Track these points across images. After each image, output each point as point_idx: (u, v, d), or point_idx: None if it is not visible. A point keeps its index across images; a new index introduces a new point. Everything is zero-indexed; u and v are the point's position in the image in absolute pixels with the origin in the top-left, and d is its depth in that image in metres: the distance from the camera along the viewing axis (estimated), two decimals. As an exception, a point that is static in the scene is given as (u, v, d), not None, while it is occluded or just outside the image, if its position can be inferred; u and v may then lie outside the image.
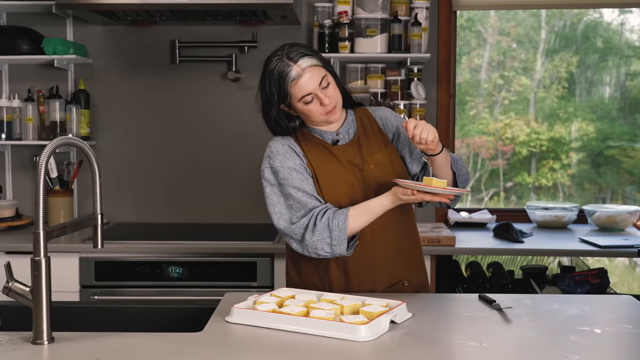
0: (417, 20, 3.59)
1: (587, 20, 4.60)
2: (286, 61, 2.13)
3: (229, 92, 3.87)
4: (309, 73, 2.13)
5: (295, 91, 2.14)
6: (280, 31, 3.80)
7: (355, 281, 2.24)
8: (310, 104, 2.16)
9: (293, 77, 2.12)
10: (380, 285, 2.25)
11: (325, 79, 2.15)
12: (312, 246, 2.12)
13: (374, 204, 2.12)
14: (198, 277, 3.23)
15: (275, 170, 2.19)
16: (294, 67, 2.12)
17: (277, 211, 2.17)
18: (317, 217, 2.11)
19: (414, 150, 2.33)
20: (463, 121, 4.63)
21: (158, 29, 3.85)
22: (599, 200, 4.57)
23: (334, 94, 2.18)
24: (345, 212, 2.11)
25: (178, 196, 3.91)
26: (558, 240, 3.44)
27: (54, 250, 3.20)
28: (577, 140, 4.63)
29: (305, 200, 2.15)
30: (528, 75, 4.74)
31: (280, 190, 2.18)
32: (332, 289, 2.24)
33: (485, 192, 4.94)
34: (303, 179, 2.18)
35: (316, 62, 2.16)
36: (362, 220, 2.12)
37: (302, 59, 2.13)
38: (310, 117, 2.20)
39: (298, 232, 2.13)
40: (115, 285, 3.24)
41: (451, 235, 3.26)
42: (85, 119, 3.74)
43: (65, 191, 3.71)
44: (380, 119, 2.36)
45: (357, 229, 2.13)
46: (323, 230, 2.10)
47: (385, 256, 2.25)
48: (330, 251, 2.12)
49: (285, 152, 2.21)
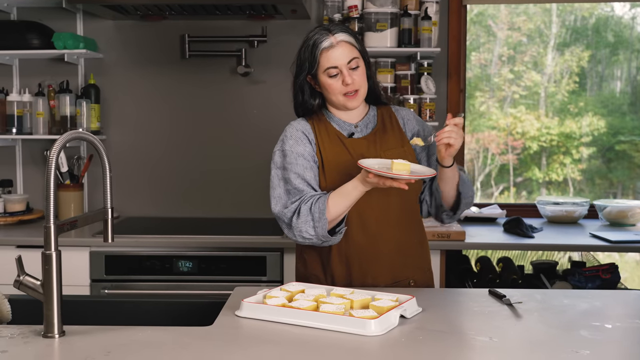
0: (427, 14, 3.58)
1: (598, 14, 4.57)
2: (324, 32, 2.19)
3: (238, 86, 3.87)
4: (342, 48, 2.18)
5: (323, 60, 2.17)
6: (290, 25, 3.79)
7: (357, 275, 2.25)
8: (332, 79, 2.19)
9: (325, 46, 2.17)
10: (382, 281, 2.25)
11: (355, 61, 2.19)
12: (297, 229, 2.14)
13: (349, 187, 2.11)
14: (208, 271, 3.23)
15: (284, 153, 2.22)
16: (329, 37, 2.18)
17: (275, 194, 2.21)
18: (303, 202, 2.14)
19: (431, 157, 2.32)
20: (473, 116, 4.62)
21: (168, 23, 3.85)
22: (609, 195, 4.55)
23: (359, 79, 2.20)
24: (327, 195, 2.13)
25: (188, 190, 3.92)
26: (568, 235, 3.43)
27: (64, 244, 3.20)
28: (588, 135, 4.61)
29: (302, 188, 2.17)
30: (538, 70, 4.72)
31: (282, 174, 2.21)
32: (335, 281, 2.25)
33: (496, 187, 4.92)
34: (307, 166, 2.20)
35: (353, 41, 2.21)
36: (342, 203, 2.12)
37: (339, 33, 2.19)
38: (330, 94, 2.22)
39: (288, 216, 2.16)
40: (126, 279, 3.25)
41: (461, 230, 3.25)
42: (95, 114, 3.75)
43: (75, 185, 3.72)
44: (402, 118, 2.36)
45: (338, 212, 2.12)
46: (307, 214, 2.12)
47: (389, 253, 2.25)
48: (315, 234, 2.13)
49: (298, 138, 2.23)
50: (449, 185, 2.22)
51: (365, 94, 2.25)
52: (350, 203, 2.13)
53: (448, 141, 2.07)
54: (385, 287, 2.21)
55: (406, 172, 1.99)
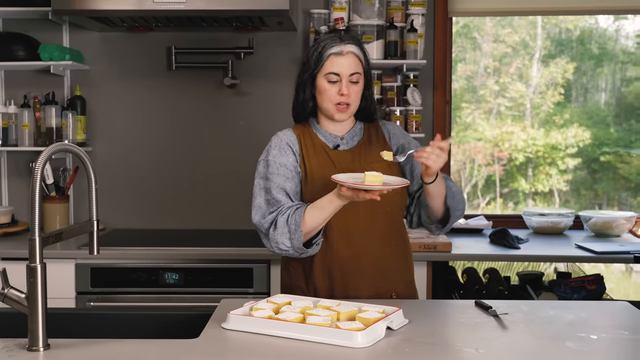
0: (413, 26, 3.60)
1: (582, 26, 4.61)
2: (337, 39, 2.23)
3: (225, 98, 3.87)
4: (349, 58, 2.21)
5: (328, 64, 2.21)
6: (277, 37, 3.80)
7: (340, 287, 2.25)
8: (330, 84, 2.22)
9: (334, 52, 2.21)
10: (364, 294, 2.25)
11: (357, 76, 2.22)
12: (274, 240, 2.16)
13: (325, 201, 2.12)
14: (194, 283, 3.22)
15: (268, 163, 2.25)
16: (340, 45, 2.22)
17: (256, 204, 2.24)
18: (280, 213, 2.16)
19: (414, 170, 2.33)
20: (459, 127, 4.64)
21: (154, 35, 3.85)
22: (595, 206, 4.58)
23: (354, 95, 2.23)
24: (304, 207, 2.14)
25: (174, 202, 3.91)
26: (554, 246, 3.44)
27: (49, 257, 3.19)
28: (573, 146, 4.64)
29: (280, 199, 2.19)
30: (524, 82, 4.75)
31: (264, 184, 2.23)
32: (317, 293, 2.26)
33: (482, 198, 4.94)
34: (289, 176, 2.22)
35: (361, 56, 2.24)
36: (318, 216, 2.13)
37: (351, 45, 2.23)
38: (323, 100, 2.24)
39: (266, 227, 2.18)
40: (111, 292, 3.23)
41: (447, 242, 3.26)
42: (81, 125, 3.74)
43: (61, 197, 3.70)
44: (388, 132, 2.39)
45: (314, 224, 2.13)
46: (283, 226, 2.14)
47: (371, 266, 2.26)
48: (291, 245, 2.14)
49: (282, 148, 2.26)
50: (436, 200, 2.23)
51: (354, 111, 2.27)
52: (327, 217, 2.14)
53: (426, 162, 2.07)
54: (367, 299, 2.21)
55: (378, 183, 2.00)
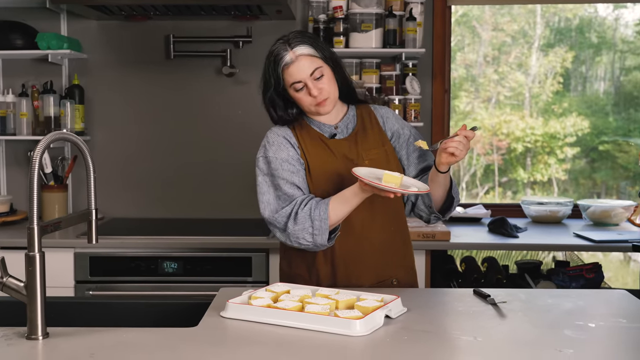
0: (412, 15, 3.59)
1: (581, 15, 4.60)
2: (285, 45, 2.17)
3: (223, 87, 3.87)
4: (302, 61, 2.15)
5: (287, 77, 2.17)
6: (275, 26, 3.79)
7: (342, 275, 2.25)
8: (299, 92, 2.19)
9: (286, 62, 2.15)
10: (367, 281, 2.25)
11: (319, 70, 2.17)
12: (294, 235, 2.13)
13: (348, 193, 2.11)
14: (193, 272, 3.22)
15: (268, 160, 2.22)
16: (288, 53, 2.15)
17: (265, 200, 2.20)
18: (299, 206, 2.13)
19: (410, 155, 2.33)
20: (458, 116, 4.63)
21: (152, 23, 3.84)
22: (593, 195, 4.59)
23: (326, 87, 2.19)
24: (327, 202, 2.12)
25: (173, 191, 3.91)
26: (552, 235, 3.45)
27: (48, 246, 3.17)
28: (572, 135, 4.64)
29: (292, 193, 2.17)
30: (523, 71, 4.75)
31: (271, 181, 2.20)
32: (320, 282, 2.25)
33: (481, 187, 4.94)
34: (294, 170, 2.19)
35: (313, 52, 2.17)
36: (342, 210, 2.12)
37: (299, 46, 2.16)
38: (302, 106, 2.23)
39: (281, 221, 2.15)
40: (110, 281, 3.23)
41: (446, 230, 3.26)
42: (79, 114, 3.73)
43: (59, 186, 3.70)
44: (381, 117, 2.37)
45: (338, 219, 2.12)
46: (305, 220, 2.11)
47: (373, 252, 2.25)
48: (312, 241, 2.12)
49: (280, 143, 2.23)
50: (441, 189, 2.23)
51: (336, 99, 2.25)
52: (350, 209, 2.12)
53: (453, 151, 2.07)
54: (369, 287, 2.21)
55: (396, 184, 2.01)
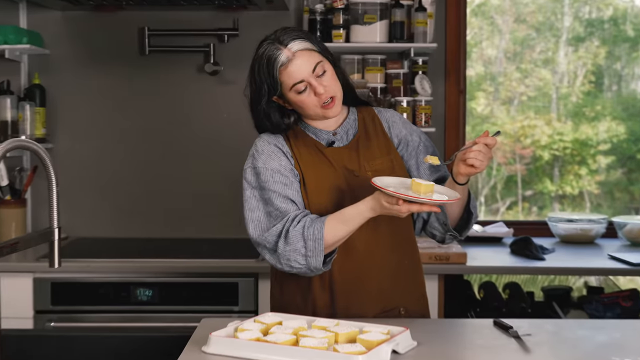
0: (422, 5, 3.60)
1: (616, 5, 4.63)
2: (276, 44, 2.15)
3: (206, 87, 3.87)
4: (301, 58, 2.15)
5: (286, 78, 2.15)
6: (265, 17, 3.80)
7: (342, 304, 2.23)
8: (303, 94, 2.17)
9: (282, 62, 2.14)
10: (370, 311, 2.23)
11: (320, 66, 2.16)
12: (285, 257, 2.11)
13: (352, 212, 2.09)
14: (170, 300, 3.22)
15: (257, 171, 2.20)
16: (283, 51, 2.14)
17: (254, 218, 2.18)
18: (291, 223, 2.11)
19: (421, 164, 2.33)
20: (475, 120, 4.65)
21: (124, 14, 3.85)
22: (631, 210, 4.59)
23: (331, 84, 2.18)
24: (324, 220, 2.10)
25: (147, 207, 3.91)
26: (584, 257, 3.45)
27: (4, 270, 3.19)
28: (606, 142, 4.65)
29: (285, 207, 2.15)
30: (549, 68, 4.77)
31: (260, 195, 2.19)
32: (317, 311, 2.23)
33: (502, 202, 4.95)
34: (287, 182, 2.18)
35: (310, 46, 2.17)
36: (342, 230, 2.10)
37: (293, 42, 2.15)
38: (305, 110, 2.21)
39: (271, 240, 2.13)
40: (75, 310, 3.23)
41: (462, 252, 3.26)
42: (40, 118, 3.73)
43: (17, 201, 3.70)
44: (387, 122, 2.36)
45: (335, 240, 2.11)
46: (297, 240, 2.09)
47: (378, 277, 2.24)
48: (305, 263, 2.11)
49: (271, 152, 2.22)
50: (459, 204, 2.23)
51: (342, 99, 2.25)
52: (351, 231, 2.11)
53: (473, 163, 2.08)
54: (373, 317, 2.20)
55: (430, 193, 1.99)
